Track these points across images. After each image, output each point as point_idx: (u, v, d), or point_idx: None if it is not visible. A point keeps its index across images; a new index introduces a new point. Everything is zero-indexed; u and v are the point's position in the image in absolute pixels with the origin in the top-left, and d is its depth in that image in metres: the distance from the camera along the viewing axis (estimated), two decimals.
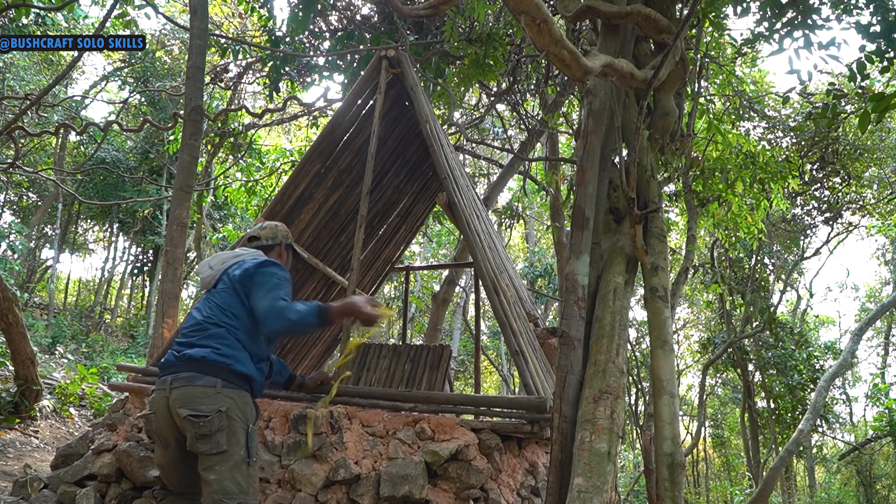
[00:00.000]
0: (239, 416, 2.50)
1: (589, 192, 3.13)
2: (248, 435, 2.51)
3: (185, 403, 2.45)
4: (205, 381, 2.47)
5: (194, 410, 2.42)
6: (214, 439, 2.41)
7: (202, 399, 2.45)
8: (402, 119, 5.34)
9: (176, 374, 2.52)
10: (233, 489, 2.42)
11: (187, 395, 2.47)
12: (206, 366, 2.50)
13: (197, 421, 2.41)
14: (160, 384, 2.57)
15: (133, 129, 11.52)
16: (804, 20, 4.12)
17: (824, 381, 9.55)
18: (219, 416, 2.44)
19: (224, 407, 2.46)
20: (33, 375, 6.43)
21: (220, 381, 2.49)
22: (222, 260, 2.84)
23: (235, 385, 2.53)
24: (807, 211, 11.83)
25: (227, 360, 2.53)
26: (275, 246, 2.98)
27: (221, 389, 2.48)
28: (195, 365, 2.51)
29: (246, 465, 2.48)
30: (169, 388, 2.51)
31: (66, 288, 23.57)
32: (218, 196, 13.69)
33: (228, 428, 2.45)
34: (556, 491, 2.72)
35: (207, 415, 2.42)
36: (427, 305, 16.13)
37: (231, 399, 2.50)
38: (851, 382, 22.73)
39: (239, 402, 2.52)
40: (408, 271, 7.38)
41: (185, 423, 2.43)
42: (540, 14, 2.36)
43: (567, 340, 2.92)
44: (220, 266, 2.81)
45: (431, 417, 3.37)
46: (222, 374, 2.51)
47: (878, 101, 3.55)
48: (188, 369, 2.51)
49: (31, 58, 13.81)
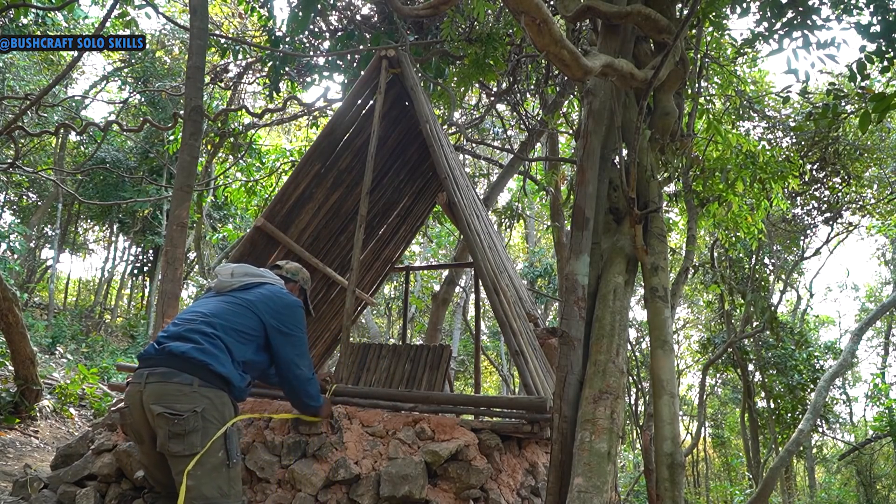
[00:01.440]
0: (216, 416, 2.42)
1: (589, 192, 3.13)
2: (226, 436, 2.43)
3: (158, 400, 2.36)
4: (181, 378, 2.39)
5: (168, 408, 2.34)
6: (188, 440, 2.33)
7: (177, 397, 2.36)
8: (402, 119, 5.34)
9: (153, 368, 2.44)
10: (213, 493, 2.34)
11: (162, 391, 2.38)
12: (185, 362, 2.42)
13: (171, 418, 2.32)
14: (136, 377, 2.48)
15: (133, 129, 11.49)
16: (804, 20, 4.12)
17: (824, 381, 9.55)
18: (193, 416, 2.35)
19: (199, 407, 2.37)
20: (33, 375, 6.43)
21: (197, 379, 2.40)
22: (245, 272, 2.82)
23: (213, 385, 2.45)
24: (807, 211, 11.83)
25: (207, 358, 2.44)
26: (294, 282, 3.02)
27: (198, 388, 2.40)
28: (174, 360, 2.42)
29: (226, 468, 2.40)
30: (144, 383, 2.42)
31: (66, 288, 23.58)
32: (218, 196, 13.69)
33: (203, 429, 2.37)
34: (556, 491, 2.72)
35: (181, 413, 2.33)
36: (427, 305, 16.13)
37: (208, 399, 2.41)
38: (851, 382, 22.74)
39: (216, 403, 2.44)
40: (408, 271, 7.38)
41: (158, 421, 2.35)
42: (540, 14, 2.36)
43: (567, 340, 2.92)
44: (242, 279, 2.78)
45: (431, 417, 3.37)
46: (200, 373, 2.42)
47: (878, 101, 3.55)
48: (165, 364, 2.42)
49: (31, 58, 13.81)
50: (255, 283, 2.78)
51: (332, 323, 6.42)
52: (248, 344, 2.64)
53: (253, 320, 2.66)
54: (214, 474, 2.36)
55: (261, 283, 2.80)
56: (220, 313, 2.62)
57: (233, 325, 2.60)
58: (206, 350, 2.46)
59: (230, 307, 2.65)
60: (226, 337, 2.55)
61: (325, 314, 6.29)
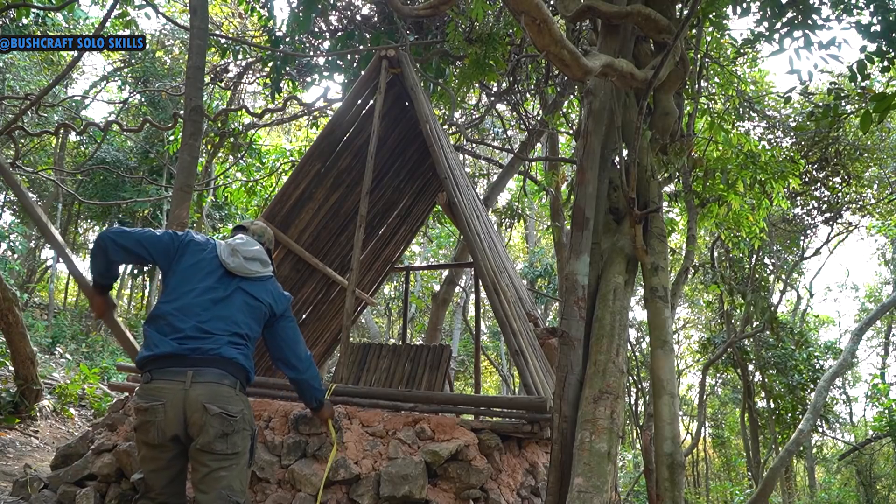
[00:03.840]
0: (248, 419, 2.55)
1: (589, 192, 3.13)
2: (253, 438, 2.57)
3: (213, 400, 2.41)
4: (229, 381, 2.49)
5: (223, 409, 2.42)
6: (231, 440, 2.44)
7: (229, 398, 2.46)
8: (402, 119, 5.34)
9: (198, 367, 2.43)
10: (238, 488, 2.47)
11: (216, 392, 2.43)
12: (233, 366, 2.51)
13: (228, 419, 2.42)
14: (174, 375, 2.42)
15: (133, 129, 11.50)
16: (804, 20, 4.12)
17: (824, 381, 9.55)
18: (242, 418, 2.48)
19: (244, 410, 2.52)
20: (33, 375, 6.43)
21: (239, 383, 2.54)
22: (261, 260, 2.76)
23: (244, 389, 2.60)
24: (807, 211, 11.82)
25: (248, 367, 2.59)
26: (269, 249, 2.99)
27: (239, 392, 2.53)
28: (223, 363, 2.48)
29: (247, 468, 2.55)
30: (189, 381, 2.40)
31: (66, 288, 23.56)
32: (218, 196, 13.67)
33: (242, 431, 2.49)
34: (556, 491, 2.72)
35: (235, 415, 2.45)
36: (427, 305, 16.13)
37: (245, 403, 2.56)
38: (851, 382, 22.73)
39: (249, 407, 2.60)
40: (408, 271, 7.38)
41: (212, 420, 2.38)
42: (540, 14, 2.36)
43: (567, 340, 2.92)
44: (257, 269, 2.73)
45: (431, 417, 3.37)
46: (242, 377, 2.56)
47: (879, 100, 3.56)
48: (215, 365, 2.46)
49: (31, 58, 13.79)
50: (267, 275, 2.79)
51: (332, 323, 6.42)
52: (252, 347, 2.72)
53: (262, 321, 2.74)
54: (241, 472, 2.50)
55: (270, 276, 2.82)
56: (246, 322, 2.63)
57: (255, 335, 2.69)
58: (248, 357, 2.61)
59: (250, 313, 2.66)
60: (253, 346, 2.68)
61: (325, 314, 6.29)
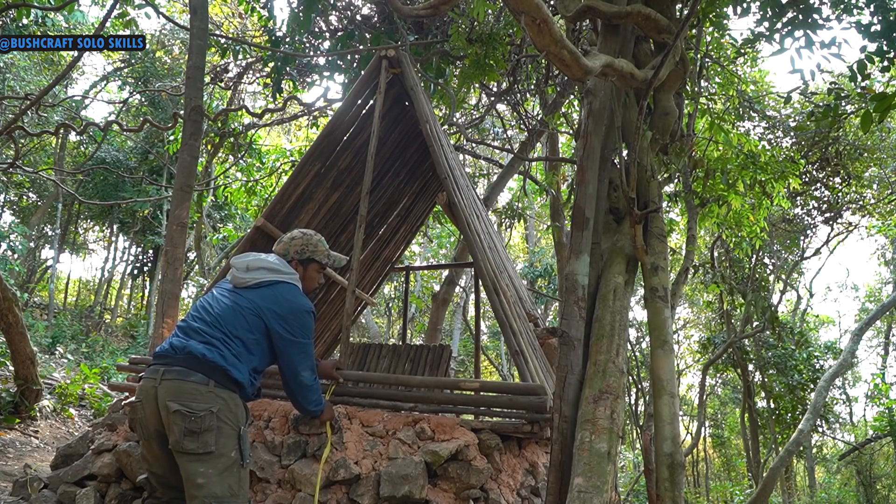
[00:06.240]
0: (229, 418, 2.47)
1: (589, 192, 3.13)
2: (240, 437, 2.48)
3: (175, 397, 2.40)
4: (197, 378, 2.43)
5: (184, 406, 2.37)
6: (202, 438, 2.37)
7: (194, 395, 2.41)
8: (402, 119, 5.34)
9: (169, 365, 2.47)
10: (224, 493, 2.38)
11: (179, 388, 2.42)
12: (203, 363, 2.46)
13: (188, 416, 2.36)
14: (151, 372, 2.51)
15: (133, 129, 11.50)
16: (805, 20, 4.12)
17: (824, 381, 9.55)
18: (209, 415, 2.40)
19: (215, 407, 2.42)
20: (33, 375, 6.43)
21: (212, 380, 2.46)
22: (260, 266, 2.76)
23: (227, 387, 2.50)
24: (807, 211, 11.82)
25: (225, 363, 2.50)
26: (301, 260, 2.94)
27: (213, 389, 2.45)
28: (192, 360, 2.46)
29: (238, 468, 2.46)
30: (160, 379, 2.45)
31: (66, 288, 23.57)
32: (218, 196, 13.68)
33: (217, 429, 2.41)
34: (556, 491, 2.72)
35: (197, 412, 2.37)
36: (427, 305, 16.13)
37: (222, 400, 2.46)
38: (851, 382, 22.73)
39: (230, 404, 2.49)
40: (408, 271, 7.38)
41: (174, 418, 2.38)
42: (540, 14, 2.36)
43: (567, 340, 2.91)
44: (256, 275, 2.73)
45: (431, 417, 3.37)
46: (216, 375, 2.47)
47: (880, 100, 3.56)
48: (183, 363, 2.46)
49: (31, 58, 13.79)
50: (267, 281, 2.74)
51: (332, 323, 6.42)
52: (255, 352, 2.66)
53: (259, 327, 2.66)
54: (226, 474, 2.41)
55: (274, 281, 2.75)
56: (232, 321, 2.61)
57: (243, 336, 2.61)
58: (225, 356, 2.51)
59: (240, 314, 2.64)
60: (241, 346, 2.59)
61: (325, 314, 6.29)
